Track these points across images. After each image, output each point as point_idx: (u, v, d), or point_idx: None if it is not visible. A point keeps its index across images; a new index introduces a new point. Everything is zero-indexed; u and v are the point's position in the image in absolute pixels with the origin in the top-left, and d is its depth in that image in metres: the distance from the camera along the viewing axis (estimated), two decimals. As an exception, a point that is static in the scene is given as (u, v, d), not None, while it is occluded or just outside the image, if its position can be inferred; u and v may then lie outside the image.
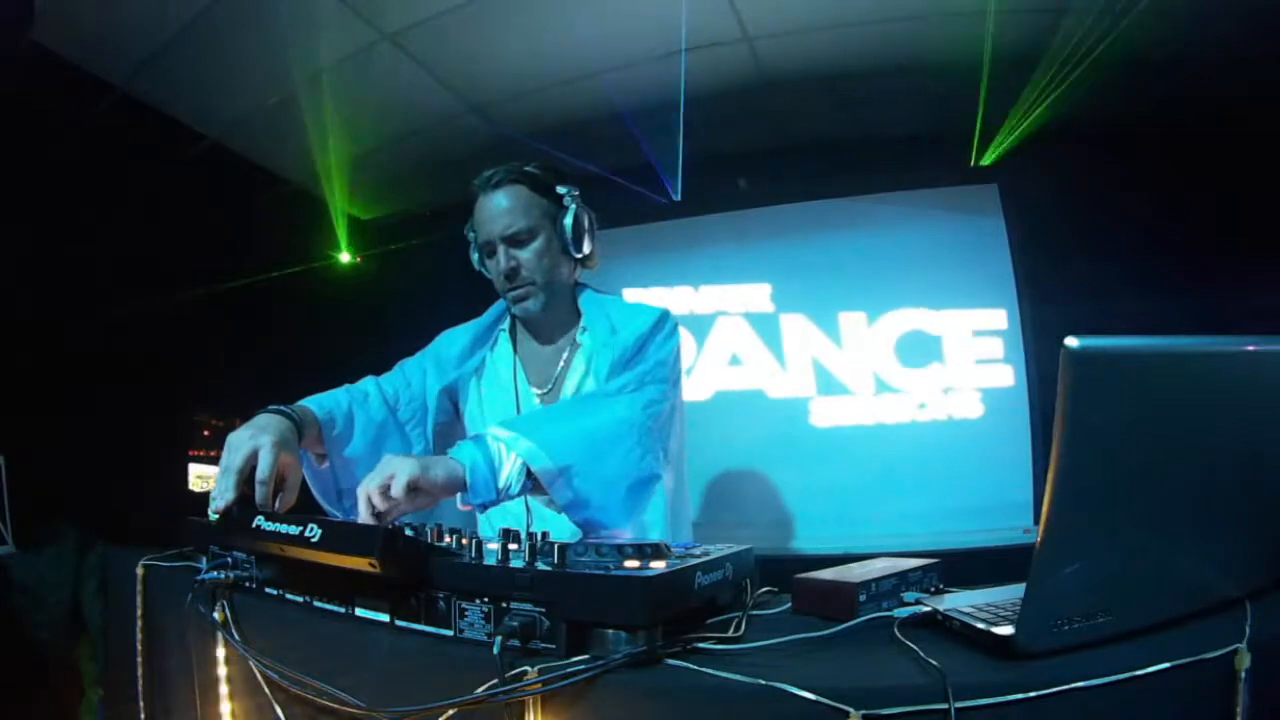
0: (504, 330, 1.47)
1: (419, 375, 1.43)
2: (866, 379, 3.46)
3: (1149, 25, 2.57)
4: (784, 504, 3.34)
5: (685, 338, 2.75)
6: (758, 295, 3.61)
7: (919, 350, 3.40)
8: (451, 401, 1.46)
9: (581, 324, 1.39)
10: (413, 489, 0.97)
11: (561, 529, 1.12)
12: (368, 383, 1.37)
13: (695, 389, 3.56)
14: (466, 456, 1.03)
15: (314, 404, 1.22)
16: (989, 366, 3.35)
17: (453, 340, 1.47)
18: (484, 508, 1.07)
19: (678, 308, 3.52)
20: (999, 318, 3.34)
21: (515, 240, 1.31)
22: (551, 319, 1.39)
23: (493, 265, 1.34)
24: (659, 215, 3.64)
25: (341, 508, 1.26)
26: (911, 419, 3.40)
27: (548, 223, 1.33)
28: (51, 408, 2.63)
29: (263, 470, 1.00)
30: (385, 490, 0.96)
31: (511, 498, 1.07)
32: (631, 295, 2.92)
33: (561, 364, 1.38)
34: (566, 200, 1.34)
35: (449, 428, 1.45)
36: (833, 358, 3.51)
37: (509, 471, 1.05)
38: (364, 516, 0.97)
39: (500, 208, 1.31)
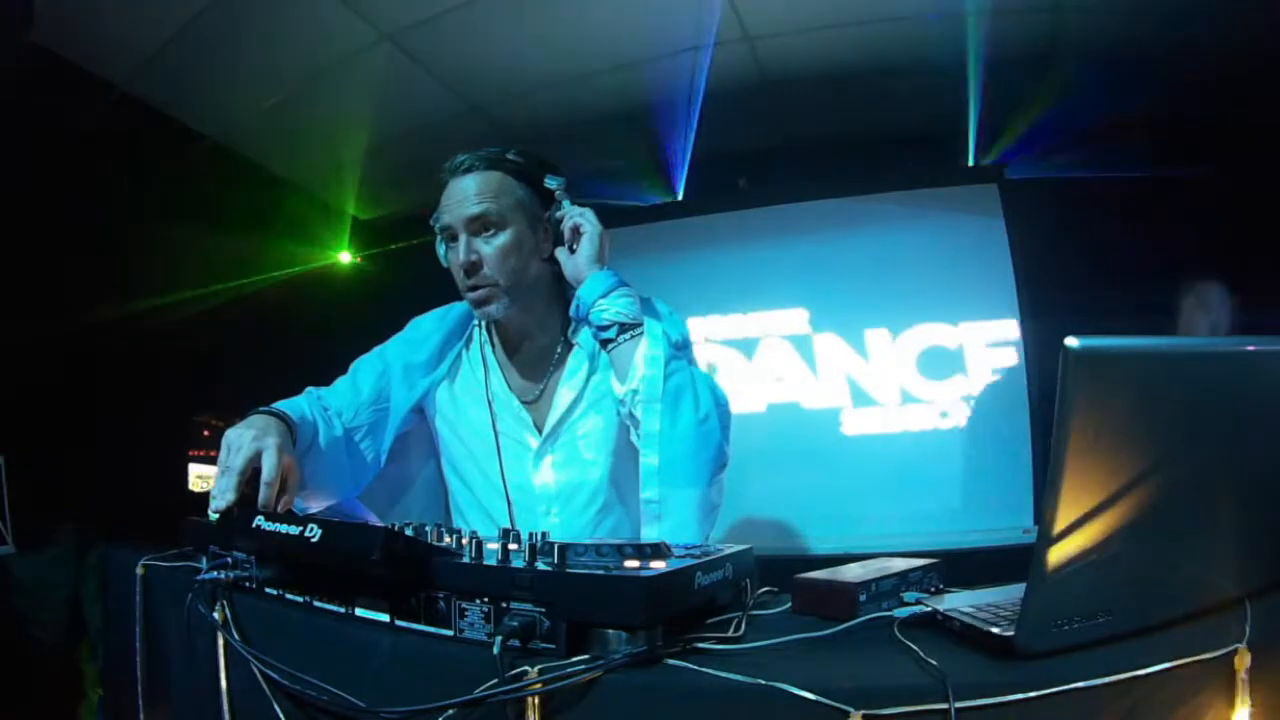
0: (478, 325, 1.33)
1: (372, 379, 1.29)
2: (866, 386, 3.46)
3: (1152, 23, 2.56)
4: (784, 504, 3.33)
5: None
6: (759, 302, 3.61)
7: (927, 360, 3.40)
8: (419, 410, 1.34)
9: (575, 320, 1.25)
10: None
11: (555, 531, 1.12)
12: (313, 394, 1.26)
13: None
14: None
15: (289, 408, 1.15)
16: (990, 360, 3.33)
17: (423, 339, 1.34)
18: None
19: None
20: (1006, 328, 3.32)
21: (479, 228, 1.17)
22: (527, 319, 1.26)
23: (452, 255, 1.19)
24: (658, 216, 3.63)
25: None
26: (911, 422, 3.39)
27: (521, 216, 1.19)
28: (51, 408, 2.63)
29: (269, 472, 1.00)
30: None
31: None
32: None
33: (553, 365, 1.28)
34: (558, 194, 1.21)
35: (410, 436, 1.36)
36: (840, 365, 3.51)
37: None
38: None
39: (467, 191, 1.17)
